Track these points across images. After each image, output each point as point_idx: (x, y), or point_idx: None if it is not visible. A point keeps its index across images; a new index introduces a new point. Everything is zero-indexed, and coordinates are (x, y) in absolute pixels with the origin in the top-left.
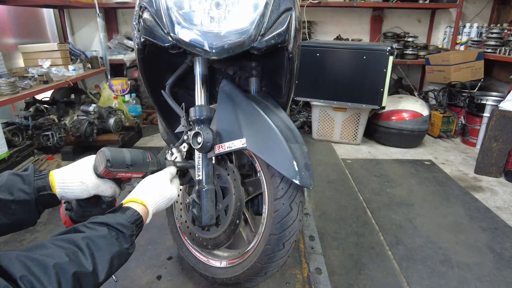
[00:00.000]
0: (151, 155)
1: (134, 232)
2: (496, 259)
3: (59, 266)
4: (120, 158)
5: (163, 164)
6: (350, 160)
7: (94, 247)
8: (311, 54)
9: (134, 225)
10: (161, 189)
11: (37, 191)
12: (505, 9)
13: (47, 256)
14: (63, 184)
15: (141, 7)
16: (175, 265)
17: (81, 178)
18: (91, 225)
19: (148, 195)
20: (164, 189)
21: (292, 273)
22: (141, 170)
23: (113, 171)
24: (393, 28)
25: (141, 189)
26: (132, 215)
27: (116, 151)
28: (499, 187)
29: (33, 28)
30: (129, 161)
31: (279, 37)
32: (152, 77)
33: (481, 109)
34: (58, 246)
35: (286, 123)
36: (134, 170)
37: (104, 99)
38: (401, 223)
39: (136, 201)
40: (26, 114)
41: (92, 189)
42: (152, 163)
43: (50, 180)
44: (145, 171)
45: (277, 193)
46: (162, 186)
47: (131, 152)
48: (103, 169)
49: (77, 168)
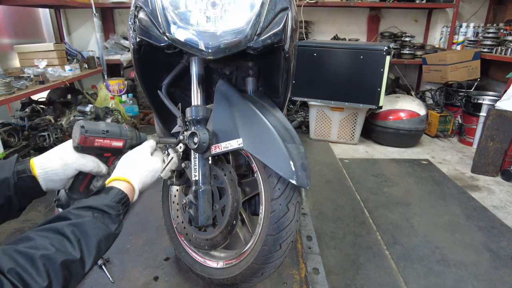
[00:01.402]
0: (128, 127)
1: (120, 211)
2: (492, 258)
3: (46, 257)
4: (95, 124)
5: (143, 138)
6: (347, 160)
7: (80, 234)
8: (308, 54)
9: (120, 204)
10: (143, 163)
11: (16, 175)
12: (501, 9)
13: (33, 248)
14: (42, 165)
15: (136, 7)
16: (172, 266)
17: (60, 155)
18: (76, 210)
19: (131, 170)
20: (147, 162)
21: (289, 273)
22: (119, 137)
23: (89, 136)
24: (390, 27)
25: (122, 166)
26: (116, 194)
27: (91, 122)
28: (496, 186)
29: (29, 28)
30: (105, 128)
31: (275, 36)
32: (148, 77)
33: (478, 108)
34: (43, 237)
35: (283, 123)
36: (112, 136)
37: (101, 100)
38: (398, 223)
39: (119, 179)
40: (22, 115)
41: (72, 164)
42: (131, 132)
43: (30, 164)
44: (125, 138)
45: (274, 193)
46: (144, 159)
47: (106, 122)
48: (79, 136)
49: (56, 149)
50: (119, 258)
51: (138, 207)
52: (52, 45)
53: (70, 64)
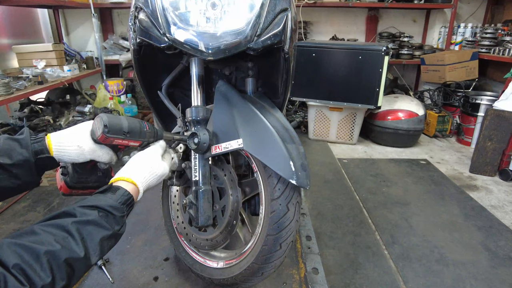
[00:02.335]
0: (148, 125)
1: (125, 213)
2: (490, 257)
3: (51, 253)
4: (118, 124)
5: (160, 135)
6: (346, 160)
7: (84, 232)
8: (307, 54)
9: (125, 206)
10: (151, 166)
11: (35, 154)
12: (498, 9)
13: (38, 243)
14: (60, 147)
15: (136, 8)
16: (172, 266)
17: (78, 142)
18: (81, 209)
19: (138, 173)
20: (155, 166)
21: (289, 273)
22: (138, 139)
23: (110, 137)
24: (389, 28)
25: (131, 166)
26: (122, 195)
27: (114, 118)
28: (494, 185)
29: (28, 28)
30: (127, 129)
31: (275, 37)
32: (148, 78)
33: (476, 108)
34: (49, 233)
35: (283, 123)
36: (131, 138)
37: (99, 100)
38: (397, 222)
39: (126, 179)
40: (21, 115)
41: (88, 154)
42: (150, 133)
43: (48, 143)
44: (142, 140)
45: (274, 193)
46: (153, 163)
47: (128, 120)
48: (100, 134)
49: (74, 133)
50: (119, 259)
51: (138, 208)
52: (51, 45)
53: (69, 64)
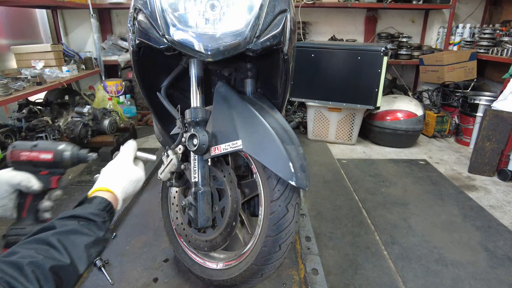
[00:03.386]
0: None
1: (106, 218)
2: (489, 257)
3: (34, 264)
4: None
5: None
6: (345, 160)
7: (66, 242)
8: (306, 55)
9: (105, 212)
10: (125, 173)
11: None
12: (497, 9)
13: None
14: None
15: (135, 9)
16: (172, 267)
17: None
18: (60, 221)
19: (114, 181)
20: (128, 172)
21: (288, 274)
22: (48, 148)
23: (16, 150)
24: (387, 28)
25: (105, 176)
26: (100, 202)
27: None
28: (493, 186)
29: (26, 28)
30: (36, 143)
31: (274, 39)
32: (147, 79)
33: (474, 109)
34: (28, 248)
35: (282, 124)
36: (39, 148)
37: (98, 101)
38: (396, 223)
39: (102, 189)
40: (19, 116)
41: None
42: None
43: None
44: (54, 149)
45: (273, 194)
46: (125, 169)
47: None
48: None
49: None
50: (118, 260)
51: (137, 209)
52: (49, 46)
53: (68, 65)
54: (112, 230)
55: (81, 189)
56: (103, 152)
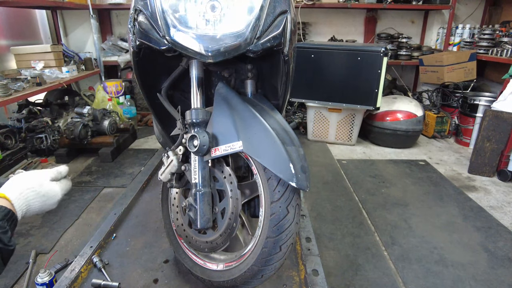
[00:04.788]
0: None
1: (6, 228)
2: (490, 258)
3: None
4: None
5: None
6: (345, 161)
7: None
8: (306, 56)
9: (5, 221)
10: (31, 183)
11: None
12: (496, 10)
13: None
14: None
15: (136, 10)
16: (172, 268)
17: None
18: None
19: (13, 188)
20: (35, 182)
21: (289, 275)
22: None
23: None
24: (387, 29)
25: (7, 183)
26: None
27: None
28: (492, 186)
29: (26, 29)
30: None
31: (274, 40)
32: (147, 80)
33: (474, 109)
34: None
35: (282, 125)
36: None
37: (98, 101)
38: (396, 223)
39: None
40: (19, 117)
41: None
42: None
43: None
44: None
45: (273, 196)
46: (34, 180)
47: None
48: None
49: None
50: (118, 261)
51: (138, 210)
52: (49, 46)
53: (67, 65)
54: (112, 230)
55: (80, 189)
56: (103, 153)
